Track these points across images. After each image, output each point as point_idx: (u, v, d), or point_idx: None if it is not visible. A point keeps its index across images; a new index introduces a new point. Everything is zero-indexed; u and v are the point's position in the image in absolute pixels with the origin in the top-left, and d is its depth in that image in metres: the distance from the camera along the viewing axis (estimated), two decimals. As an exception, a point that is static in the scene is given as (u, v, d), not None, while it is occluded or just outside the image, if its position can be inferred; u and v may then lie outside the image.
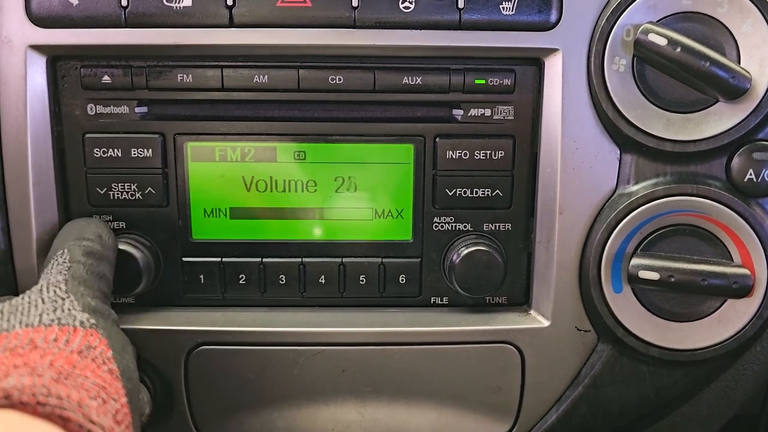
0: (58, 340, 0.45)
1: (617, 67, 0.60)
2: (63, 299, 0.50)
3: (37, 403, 0.39)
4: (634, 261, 0.62)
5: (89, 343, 0.47)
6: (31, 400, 0.39)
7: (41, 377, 0.41)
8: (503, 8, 0.60)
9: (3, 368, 0.41)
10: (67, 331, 0.46)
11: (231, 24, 0.59)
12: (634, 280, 0.62)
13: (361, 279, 0.67)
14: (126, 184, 0.64)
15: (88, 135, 0.63)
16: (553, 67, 0.61)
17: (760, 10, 0.59)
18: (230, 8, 0.59)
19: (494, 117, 0.64)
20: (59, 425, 0.39)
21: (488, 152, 0.64)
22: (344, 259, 0.67)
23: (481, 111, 0.64)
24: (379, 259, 0.67)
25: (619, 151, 0.62)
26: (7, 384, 0.39)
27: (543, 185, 0.64)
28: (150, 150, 0.63)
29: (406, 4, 0.59)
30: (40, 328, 0.46)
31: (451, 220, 0.66)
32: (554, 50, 0.61)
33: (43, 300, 0.49)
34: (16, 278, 0.63)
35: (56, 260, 0.55)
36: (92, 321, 0.49)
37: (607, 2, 0.60)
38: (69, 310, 0.49)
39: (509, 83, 0.63)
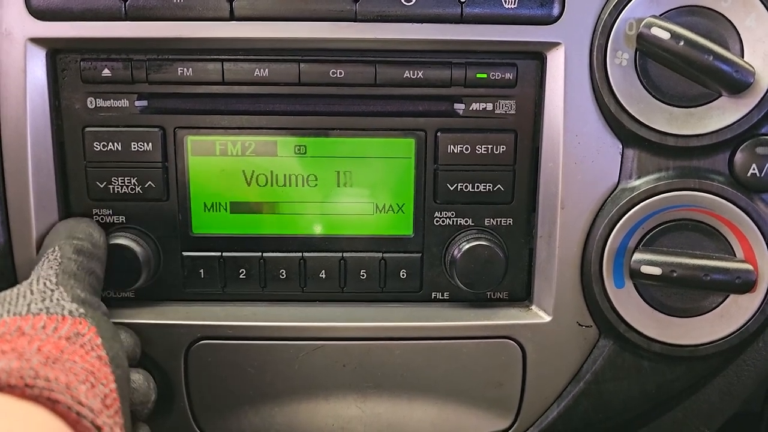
0: (46, 328, 0.45)
1: (620, 61, 0.60)
2: (52, 291, 0.50)
3: (25, 386, 0.39)
4: (636, 256, 0.61)
5: (78, 331, 0.47)
6: (19, 383, 0.39)
7: (29, 361, 0.41)
8: (505, 1, 0.59)
9: None
10: (55, 319, 0.47)
11: (232, 17, 0.59)
12: (636, 275, 0.61)
13: (361, 274, 0.67)
14: (126, 178, 0.64)
15: (87, 128, 0.63)
16: (555, 61, 0.61)
17: (763, 4, 0.58)
18: (231, 1, 0.59)
19: (496, 111, 0.64)
20: (47, 407, 0.39)
21: (490, 147, 0.64)
22: (345, 254, 0.66)
23: (482, 105, 0.64)
24: (380, 254, 0.66)
25: (621, 146, 0.62)
26: None
27: (545, 180, 0.64)
28: (150, 144, 0.63)
29: (408, -3, 0.59)
30: (27, 317, 0.46)
31: (452, 214, 0.66)
32: (556, 44, 0.61)
33: (32, 291, 0.50)
34: (15, 271, 0.62)
35: (47, 257, 0.55)
36: (81, 311, 0.49)
37: (610, -4, 0.60)
38: (58, 300, 0.49)
39: (511, 77, 0.63)
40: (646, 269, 0.61)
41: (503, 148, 0.64)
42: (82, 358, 0.44)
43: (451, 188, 0.65)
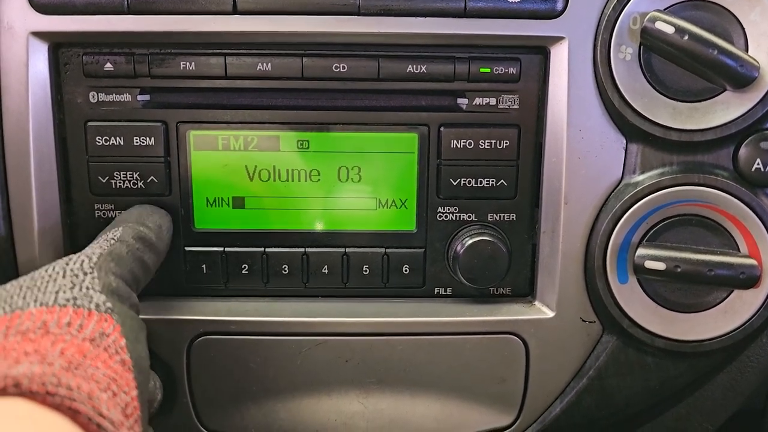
0: (71, 325, 0.44)
1: (624, 55, 0.60)
2: (85, 274, 0.49)
3: (47, 393, 0.38)
4: (640, 251, 0.61)
5: (102, 330, 0.46)
6: (41, 390, 0.38)
7: (51, 366, 0.40)
8: (509, -4, 0.59)
9: (14, 354, 0.40)
10: (81, 314, 0.45)
11: (234, 11, 0.59)
12: (639, 270, 0.61)
13: (364, 269, 0.67)
14: (128, 173, 0.64)
15: (90, 123, 0.63)
16: (559, 56, 0.61)
17: (768, -2, 0.58)
18: (234, -6, 0.59)
19: (499, 106, 0.64)
20: (68, 416, 0.38)
21: (493, 142, 0.64)
22: (347, 249, 0.66)
23: (486, 100, 0.64)
24: (383, 250, 0.66)
25: (625, 141, 0.62)
26: (17, 372, 0.38)
27: (548, 175, 0.64)
28: (152, 138, 0.63)
29: (411, -10, 0.59)
30: (54, 309, 0.45)
31: (456, 210, 0.66)
32: (560, 38, 0.60)
33: (64, 273, 0.48)
34: (17, 266, 0.62)
35: (107, 234, 0.56)
36: (108, 305, 0.48)
37: (614, -10, 0.60)
38: (87, 289, 0.48)
39: (514, 72, 0.63)
40: (649, 264, 0.61)
41: (506, 143, 0.64)
42: (104, 363, 0.43)
43: (454, 183, 0.65)
